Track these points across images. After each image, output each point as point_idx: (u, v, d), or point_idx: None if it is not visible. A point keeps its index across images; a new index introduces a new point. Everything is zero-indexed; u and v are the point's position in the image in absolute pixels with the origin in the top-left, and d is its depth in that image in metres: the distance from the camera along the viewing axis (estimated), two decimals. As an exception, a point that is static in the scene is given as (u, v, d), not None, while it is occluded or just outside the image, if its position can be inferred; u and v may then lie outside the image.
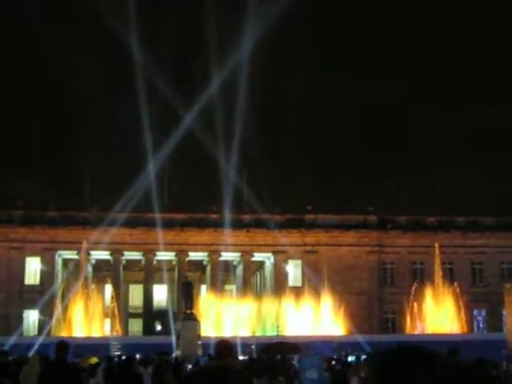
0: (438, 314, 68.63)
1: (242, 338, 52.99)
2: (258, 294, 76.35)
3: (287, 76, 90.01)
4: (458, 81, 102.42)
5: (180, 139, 68.36)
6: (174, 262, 74.93)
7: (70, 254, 71.79)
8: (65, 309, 67.05)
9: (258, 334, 63.67)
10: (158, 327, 74.39)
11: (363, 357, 35.35)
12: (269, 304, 71.90)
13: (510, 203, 73.85)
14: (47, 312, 67.13)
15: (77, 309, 66.26)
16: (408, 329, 68.62)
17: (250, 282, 76.05)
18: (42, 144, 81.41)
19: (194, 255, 73.83)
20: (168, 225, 71.34)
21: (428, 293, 69.20)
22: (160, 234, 70.63)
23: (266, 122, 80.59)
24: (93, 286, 71.47)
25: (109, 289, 72.97)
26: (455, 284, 69.65)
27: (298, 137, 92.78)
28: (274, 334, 63.10)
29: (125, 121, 73.34)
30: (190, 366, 32.18)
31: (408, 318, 69.20)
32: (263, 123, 78.77)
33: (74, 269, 72.44)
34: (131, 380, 18.79)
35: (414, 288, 70.11)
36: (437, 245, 71.82)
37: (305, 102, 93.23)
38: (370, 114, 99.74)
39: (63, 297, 69.02)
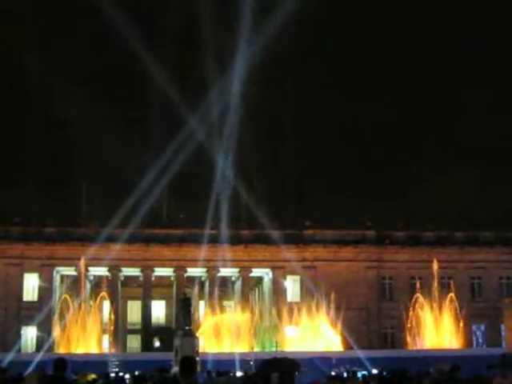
0: (437, 329, 68.51)
1: (241, 354, 52.85)
2: (257, 310, 76.21)
3: (284, 88, 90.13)
4: (456, 97, 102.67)
5: (178, 154, 68.37)
6: (172, 278, 74.81)
7: (68, 270, 71.67)
8: (63, 325, 66.90)
9: (257, 349, 63.52)
10: (157, 343, 74.16)
11: (362, 373, 35.27)
12: (267, 319, 71.82)
13: (509, 218, 73.87)
14: (45, 328, 66.99)
15: (75, 325, 66.09)
16: (407, 344, 68.49)
17: (249, 297, 75.88)
18: (40, 159, 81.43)
19: (193, 271, 73.71)
20: (166, 241, 71.40)
21: (427, 308, 69.13)
22: (158, 250, 70.77)
23: (263, 136, 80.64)
24: (91, 303, 71.28)
25: (107, 305, 72.78)
26: (454, 299, 69.58)
27: (296, 152, 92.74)
28: (273, 349, 62.92)
29: (122, 136, 73.43)
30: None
31: (407, 333, 69.10)
32: (261, 138, 78.81)
33: (72, 285, 72.31)
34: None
35: (412, 303, 70.05)
36: (435, 260, 71.81)
37: (303, 116, 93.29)
38: (369, 126, 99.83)
39: (61, 313, 68.85)
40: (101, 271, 72.13)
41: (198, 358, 45.26)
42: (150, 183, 68.03)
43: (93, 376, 32.21)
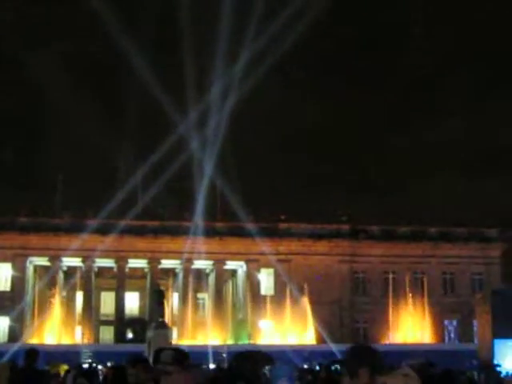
0: (409, 324, 68.95)
1: (214, 347, 52.87)
2: (231, 303, 76.26)
3: (262, 86, 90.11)
4: (433, 94, 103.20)
5: (154, 146, 68.05)
6: (146, 270, 74.61)
7: (42, 261, 71.26)
8: (36, 315, 66.58)
9: (230, 342, 63.59)
10: (130, 335, 73.99)
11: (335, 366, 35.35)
12: (241, 312, 71.92)
13: (482, 214, 74.48)
14: (18, 319, 66.56)
15: (48, 316, 65.82)
16: (379, 338, 68.86)
17: (223, 290, 75.86)
18: (13, 150, 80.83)
19: (167, 263, 73.55)
20: (140, 232, 71.13)
21: (399, 302, 69.51)
22: (132, 242, 70.46)
23: (239, 131, 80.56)
24: (64, 293, 70.97)
25: (80, 296, 72.53)
26: (426, 294, 70.03)
27: (272, 146, 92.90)
28: (246, 342, 63.08)
29: (99, 127, 73.05)
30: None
31: (379, 328, 69.46)
32: (237, 132, 78.76)
33: (45, 275, 71.92)
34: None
35: (385, 298, 70.41)
36: (409, 255, 72.22)
37: (279, 113, 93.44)
38: (345, 123, 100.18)
39: (34, 303, 68.50)
40: (74, 262, 71.73)
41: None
42: (125, 174, 67.79)
43: (65, 367, 32.06)
